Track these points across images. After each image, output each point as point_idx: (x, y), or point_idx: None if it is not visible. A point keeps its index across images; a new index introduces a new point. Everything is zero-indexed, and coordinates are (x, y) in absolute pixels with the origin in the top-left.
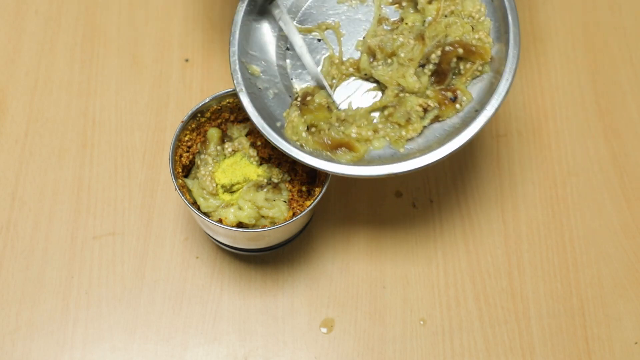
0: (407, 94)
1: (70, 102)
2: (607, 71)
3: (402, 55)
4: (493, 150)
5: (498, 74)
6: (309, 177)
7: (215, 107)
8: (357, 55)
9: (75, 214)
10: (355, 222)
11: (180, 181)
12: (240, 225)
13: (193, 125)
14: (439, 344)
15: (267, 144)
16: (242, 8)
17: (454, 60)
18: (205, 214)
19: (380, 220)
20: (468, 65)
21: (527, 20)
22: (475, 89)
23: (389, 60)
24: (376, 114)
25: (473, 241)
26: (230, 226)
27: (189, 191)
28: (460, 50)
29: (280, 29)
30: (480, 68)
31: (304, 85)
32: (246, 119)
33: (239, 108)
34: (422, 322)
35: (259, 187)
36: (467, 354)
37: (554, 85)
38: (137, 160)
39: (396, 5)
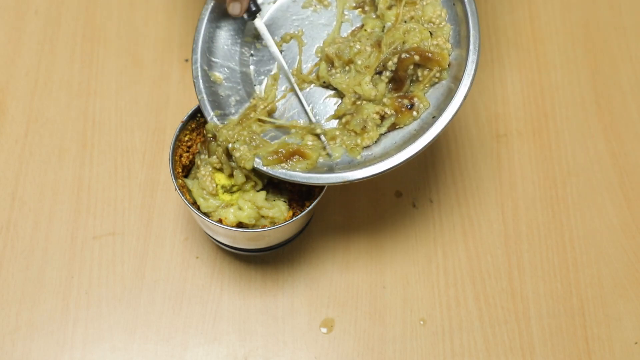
0: (364, 102)
1: (70, 102)
2: (607, 71)
3: (359, 62)
4: (493, 150)
5: (457, 80)
6: None
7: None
8: (316, 61)
9: (75, 214)
10: (355, 222)
11: (180, 181)
12: (240, 225)
13: (193, 125)
14: (439, 344)
15: None
16: (205, 15)
17: (411, 67)
18: (205, 214)
19: (380, 220)
20: (426, 72)
21: (527, 20)
22: (433, 95)
23: (347, 68)
24: (334, 123)
25: (473, 241)
26: (230, 226)
27: (189, 191)
28: (417, 57)
29: (244, 36)
30: (438, 75)
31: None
32: None
33: None
34: (422, 322)
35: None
36: (467, 354)
37: (554, 85)
38: (137, 160)
39: (359, 10)
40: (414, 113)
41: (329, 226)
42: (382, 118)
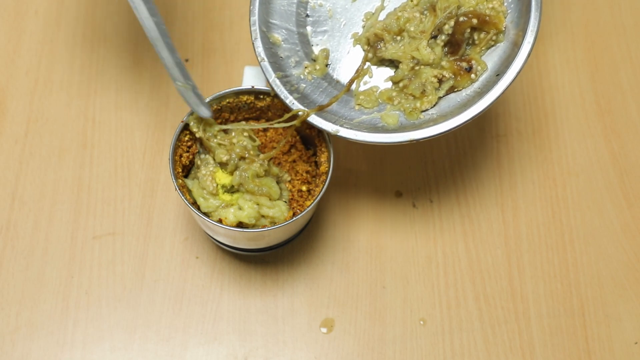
0: (421, 66)
1: (70, 102)
2: (607, 71)
3: (412, 29)
4: (493, 150)
5: (514, 45)
6: (309, 177)
7: (215, 107)
8: (354, 50)
9: (75, 214)
10: (355, 222)
11: (180, 181)
12: (240, 225)
13: None
14: (439, 344)
15: (266, 143)
16: None
17: (468, 30)
18: (205, 214)
19: (380, 220)
20: (482, 36)
21: None
22: (489, 58)
23: (398, 38)
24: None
25: (473, 241)
26: (230, 226)
27: (189, 191)
28: (475, 21)
29: None
30: (494, 38)
31: (329, 53)
32: (247, 118)
33: (239, 108)
34: (422, 322)
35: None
36: (467, 354)
37: (554, 85)
38: (137, 160)
39: None
40: (472, 76)
41: (329, 226)
42: (440, 82)
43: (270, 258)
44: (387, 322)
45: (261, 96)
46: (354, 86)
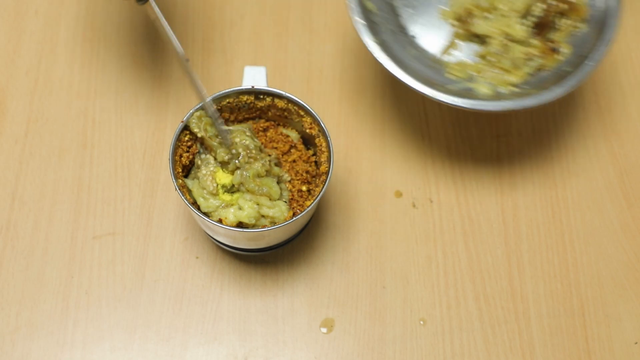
0: (511, 43)
1: (70, 102)
2: (607, 71)
3: (503, 7)
4: (493, 150)
5: (599, 31)
6: (309, 177)
7: (215, 107)
8: (441, 25)
9: (75, 214)
10: (355, 222)
11: (180, 181)
12: (240, 225)
13: None
14: (439, 344)
15: (266, 143)
16: None
17: (554, 14)
18: (205, 214)
19: (380, 220)
20: (566, 21)
21: None
22: (571, 43)
23: (488, 15)
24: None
25: (473, 241)
26: (230, 226)
27: (189, 191)
28: (564, 6)
29: None
30: (577, 24)
31: (416, 27)
32: (247, 118)
33: (239, 108)
34: (422, 322)
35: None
36: (467, 354)
37: None
38: (137, 160)
39: None
40: (558, 57)
41: (329, 226)
42: (529, 60)
43: (270, 258)
44: (387, 322)
45: (261, 96)
46: (444, 57)
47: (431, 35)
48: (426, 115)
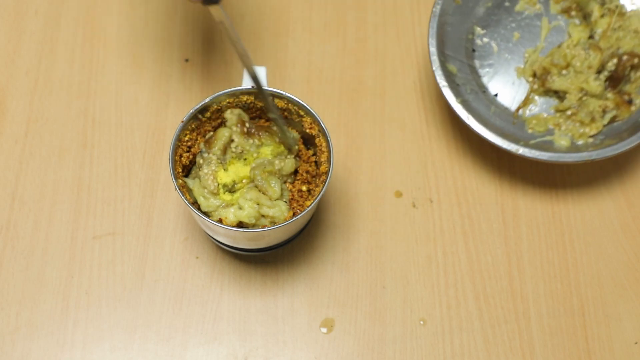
0: (588, 97)
1: (70, 102)
2: None
3: (578, 64)
4: (493, 150)
5: None
6: (309, 177)
7: (215, 107)
8: (518, 82)
9: (75, 214)
10: (355, 222)
11: (180, 181)
12: (240, 225)
13: (193, 126)
14: (439, 344)
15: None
16: (437, 9)
17: (628, 68)
18: (205, 214)
19: (380, 220)
20: (638, 74)
21: None
22: None
23: (564, 72)
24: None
25: (473, 241)
26: (230, 226)
27: (189, 191)
28: (637, 60)
29: (469, 32)
30: None
31: (496, 85)
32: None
33: (239, 108)
34: (422, 322)
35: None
36: (467, 354)
37: None
38: (137, 160)
39: (565, 14)
40: (632, 108)
41: (329, 226)
42: (604, 112)
43: (270, 258)
44: (387, 322)
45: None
46: (520, 112)
47: (510, 92)
48: (426, 115)
